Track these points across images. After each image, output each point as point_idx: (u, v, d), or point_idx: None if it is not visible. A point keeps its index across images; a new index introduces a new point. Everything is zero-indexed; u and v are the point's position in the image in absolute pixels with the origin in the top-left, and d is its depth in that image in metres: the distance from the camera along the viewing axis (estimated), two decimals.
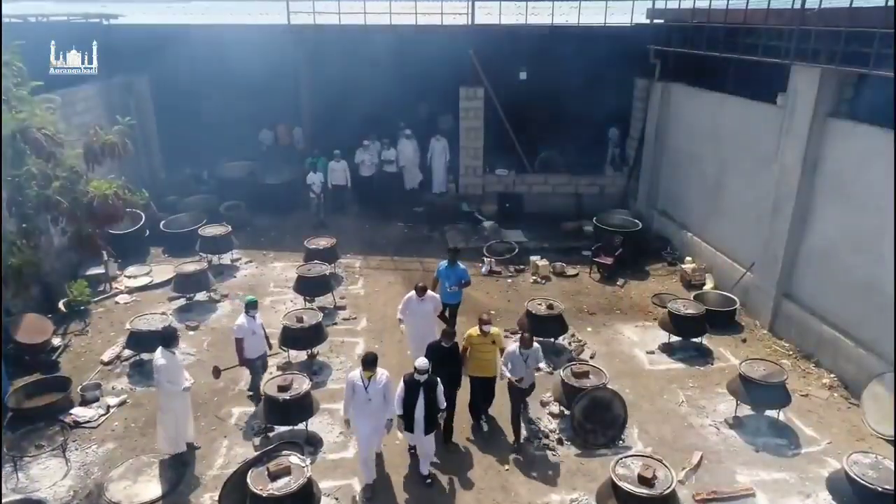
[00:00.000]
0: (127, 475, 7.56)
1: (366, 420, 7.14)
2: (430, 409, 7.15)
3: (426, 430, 7.23)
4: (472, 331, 8.15)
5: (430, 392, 7.12)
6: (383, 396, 7.07)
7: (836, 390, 9.17)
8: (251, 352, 8.52)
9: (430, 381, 7.13)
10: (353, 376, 7.07)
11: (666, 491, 6.22)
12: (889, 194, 8.30)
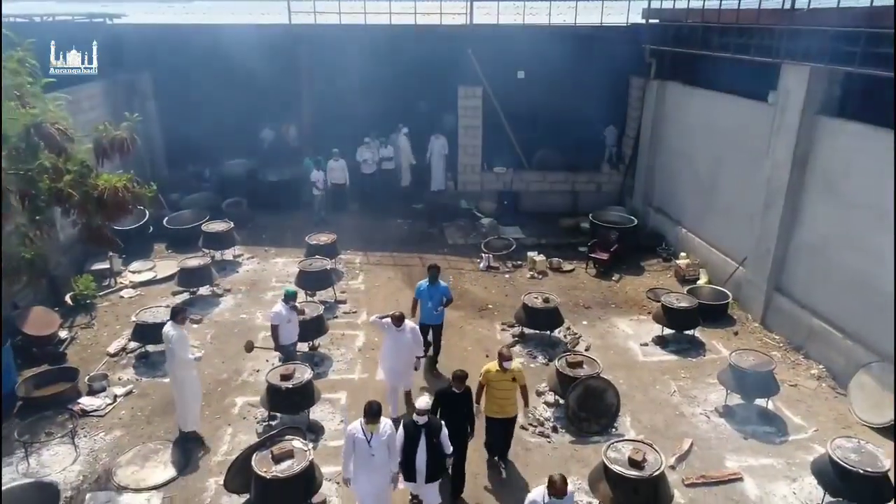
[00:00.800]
0: (134, 461, 7.79)
1: (369, 477, 6.37)
2: (433, 455, 6.46)
3: (428, 478, 6.53)
4: (489, 366, 7.40)
5: (433, 436, 6.43)
6: (387, 449, 6.32)
7: (824, 381, 9.41)
8: (285, 338, 8.88)
9: (433, 425, 6.46)
10: (353, 429, 6.31)
11: (655, 473, 6.46)
12: (879, 190, 8.54)
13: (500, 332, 10.94)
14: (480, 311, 11.72)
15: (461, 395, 6.96)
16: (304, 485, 6.63)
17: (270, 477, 6.44)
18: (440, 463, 6.54)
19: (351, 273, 13.20)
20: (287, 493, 6.51)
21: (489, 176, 16.93)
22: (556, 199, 16.69)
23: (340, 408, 8.88)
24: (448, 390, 7.00)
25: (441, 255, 14.14)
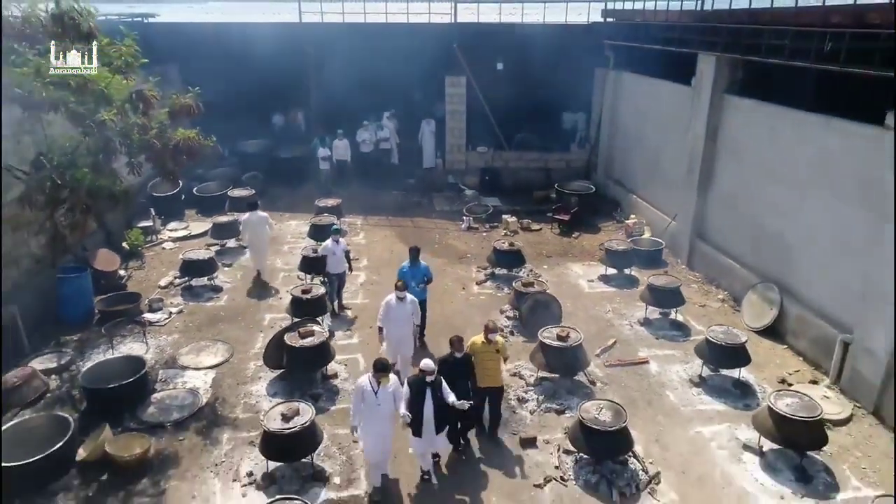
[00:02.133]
0: (191, 352, 10.29)
1: (374, 425, 7.05)
2: (440, 408, 7.07)
3: (437, 429, 7.17)
4: (475, 339, 7.95)
5: (437, 391, 7.06)
6: (393, 400, 7.02)
7: (727, 302, 11.96)
8: (332, 267, 11.35)
9: (436, 381, 7.08)
10: (362, 381, 7.04)
11: (575, 344, 9.00)
12: (766, 152, 11.03)
13: (475, 273, 13.45)
14: (460, 259, 14.25)
15: (461, 359, 7.53)
16: (322, 355, 9.17)
17: (298, 346, 8.96)
18: (446, 415, 7.16)
19: (353, 231, 15.70)
20: (309, 359, 9.06)
21: (473, 155, 19.44)
22: (531, 175, 19.17)
23: (347, 320, 11.38)
24: (450, 356, 7.54)
25: (430, 219, 16.68)
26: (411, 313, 9.06)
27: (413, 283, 9.82)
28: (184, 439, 8.28)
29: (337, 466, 7.80)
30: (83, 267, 11.47)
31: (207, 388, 9.36)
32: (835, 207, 9.47)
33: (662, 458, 8.00)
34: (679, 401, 9.16)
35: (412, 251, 10.23)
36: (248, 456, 7.93)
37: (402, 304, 8.90)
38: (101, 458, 7.65)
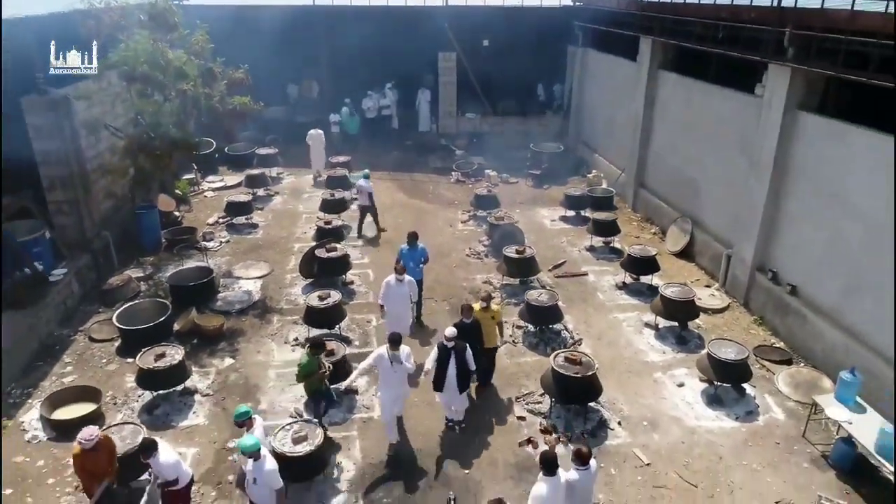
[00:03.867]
0: (241, 268, 13.52)
1: (390, 387, 8.10)
2: (462, 371, 8.04)
3: (460, 389, 8.19)
4: (475, 305, 9.07)
5: (461, 355, 8.03)
6: (404, 366, 7.94)
7: (657, 235, 15.21)
8: (362, 201, 14.78)
9: (460, 346, 8.03)
10: (381, 350, 8.02)
11: (529, 255, 12.27)
12: (685, 111, 14.11)
13: (461, 214, 16.65)
14: (449, 205, 17.43)
15: (470, 324, 8.61)
16: (343, 264, 12.45)
17: (325, 257, 12.22)
18: (467, 377, 8.19)
19: None
20: (334, 267, 12.32)
21: (462, 120, 22.50)
22: (513, 138, 22.17)
23: (358, 247, 14.61)
24: (461, 322, 8.64)
25: (425, 174, 19.82)
26: (409, 293, 9.98)
27: (412, 263, 10.69)
28: (245, 320, 11.57)
29: (356, 335, 11.10)
30: (152, 206, 14.65)
31: (258, 290, 12.63)
32: (725, 156, 12.62)
33: (586, 331, 11.32)
34: (605, 298, 12.47)
35: (410, 236, 11.01)
36: (293, 330, 11.22)
37: (401, 285, 9.76)
38: (191, 329, 10.93)
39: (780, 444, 8.61)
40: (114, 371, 10.08)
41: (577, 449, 6.35)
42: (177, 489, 6.58)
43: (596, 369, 8.98)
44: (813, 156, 10.16)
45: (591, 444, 8.50)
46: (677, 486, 7.94)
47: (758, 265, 11.58)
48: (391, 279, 9.76)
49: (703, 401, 9.47)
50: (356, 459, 8.32)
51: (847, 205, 9.50)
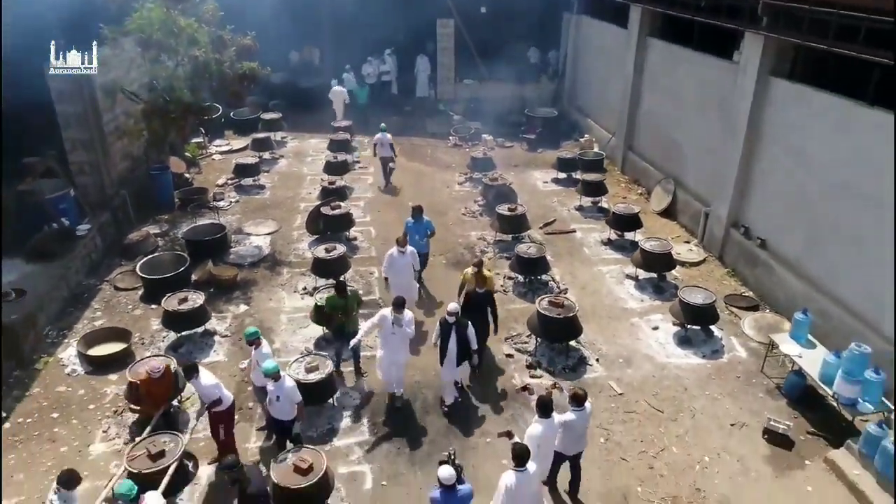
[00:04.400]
0: (251, 225, 14.40)
1: (389, 350, 8.48)
2: (461, 345, 8.30)
3: (458, 362, 8.44)
4: (468, 270, 9.50)
5: (461, 331, 8.28)
6: (405, 330, 8.31)
7: (643, 195, 16.06)
8: (381, 153, 15.86)
9: (461, 323, 8.29)
10: (385, 312, 8.41)
11: (520, 213, 13.15)
12: (672, 78, 14.81)
13: (457, 177, 17.47)
14: (446, 168, 18.24)
15: (484, 294, 9.12)
16: (347, 221, 13.35)
17: (330, 214, 13.11)
18: (466, 352, 8.43)
19: (361, 147, 19.60)
20: (338, 223, 13.23)
21: (460, 86, 23.12)
22: (509, 103, 22.80)
23: (360, 207, 15.47)
24: (473, 291, 9.19)
25: (423, 138, 20.56)
26: (412, 263, 10.22)
27: (417, 236, 10.94)
28: (257, 272, 12.51)
29: (360, 285, 12.03)
30: (165, 167, 15.46)
31: (267, 245, 13.54)
32: (706, 120, 13.39)
33: (572, 281, 12.27)
34: (591, 253, 13.40)
35: (415, 209, 11.20)
36: (302, 280, 12.17)
37: (403, 256, 10.07)
38: (208, 279, 11.85)
39: (740, 377, 9.63)
40: (139, 316, 11.05)
41: (574, 392, 7.00)
42: (221, 409, 7.57)
43: (577, 312, 9.95)
44: (782, 118, 10.96)
45: (571, 378, 9.56)
46: (645, 411, 8.97)
47: (732, 222, 12.46)
48: (394, 251, 10.05)
49: (675, 341, 10.46)
50: (361, 389, 9.34)
51: (809, 163, 10.35)
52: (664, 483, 7.82)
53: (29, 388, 9.25)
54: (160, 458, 6.93)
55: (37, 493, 7.54)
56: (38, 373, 9.57)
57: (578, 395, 6.98)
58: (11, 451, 8.14)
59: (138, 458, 6.93)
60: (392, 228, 14.20)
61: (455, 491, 5.90)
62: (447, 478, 5.85)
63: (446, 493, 5.89)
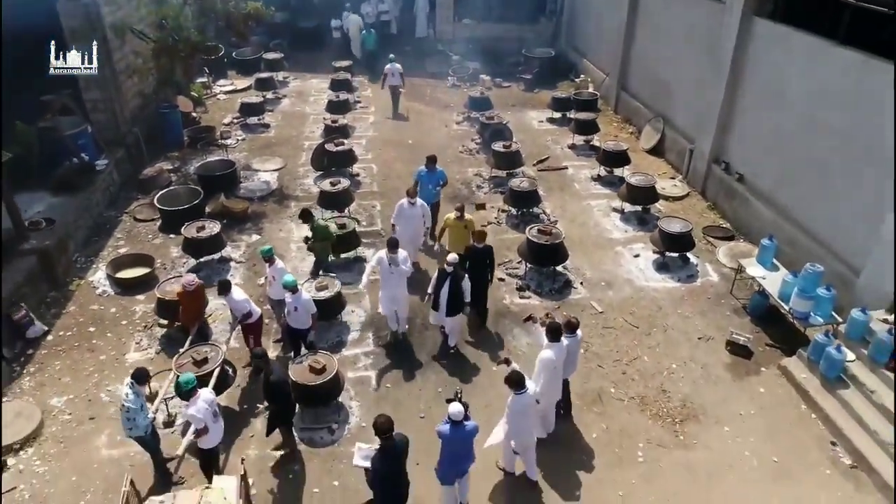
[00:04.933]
0: (259, 162, 15.09)
1: (388, 288, 9.01)
2: (454, 296, 8.67)
3: (448, 312, 8.79)
4: (449, 216, 10.06)
5: (455, 282, 8.62)
6: (402, 269, 8.86)
7: (634, 134, 16.70)
8: (391, 81, 16.77)
9: (457, 274, 8.64)
10: (381, 254, 9.00)
11: (514, 149, 13.85)
12: (669, 19, 15.20)
13: (455, 116, 18.04)
14: (444, 107, 18.77)
15: (483, 248, 9.29)
16: (351, 157, 14.08)
17: (334, 150, 13.82)
18: (458, 303, 8.79)
19: (362, 87, 20.06)
20: (342, 159, 13.97)
21: (459, 26, 23.31)
22: (508, 44, 23.11)
23: (362, 145, 16.13)
24: (473, 246, 9.30)
25: (423, 78, 20.95)
26: (421, 215, 10.48)
27: (430, 185, 11.24)
28: (266, 205, 13.32)
29: (363, 217, 12.85)
30: (174, 106, 16.03)
31: (274, 180, 14.30)
32: (694, 59, 13.89)
33: (562, 214, 13.09)
34: (581, 188, 14.17)
35: (429, 158, 11.37)
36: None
37: (413, 207, 10.34)
38: (221, 210, 12.66)
39: (710, 298, 10.59)
40: (159, 244, 11.94)
41: (568, 320, 7.66)
42: (251, 322, 8.53)
43: (563, 239, 10.83)
44: (762, 57, 11.54)
45: (557, 298, 10.51)
46: (622, 326, 9.96)
47: (714, 158, 13.19)
48: (404, 202, 10.31)
49: (653, 267, 11.38)
50: (366, 308, 10.31)
51: (784, 100, 11.00)
52: (634, 385, 8.87)
53: (65, 306, 10.23)
54: (204, 365, 7.91)
55: (83, 392, 8.59)
56: (72, 293, 10.52)
57: (572, 322, 7.66)
58: (56, 359, 9.17)
59: (185, 364, 7.91)
60: (392, 165, 14.97)
61: (462, 426, 6.43)
62: (456, 413, 6.35)
63: (454, 428, 6.40)
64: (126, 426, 6.88)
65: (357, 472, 6.84)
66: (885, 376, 8.09)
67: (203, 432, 6.68)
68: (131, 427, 6.85)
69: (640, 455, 7.86)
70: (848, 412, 8.11)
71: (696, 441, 8.04)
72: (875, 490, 7.39)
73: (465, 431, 6.50)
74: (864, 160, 9.35)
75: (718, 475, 7.60)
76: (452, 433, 6.46)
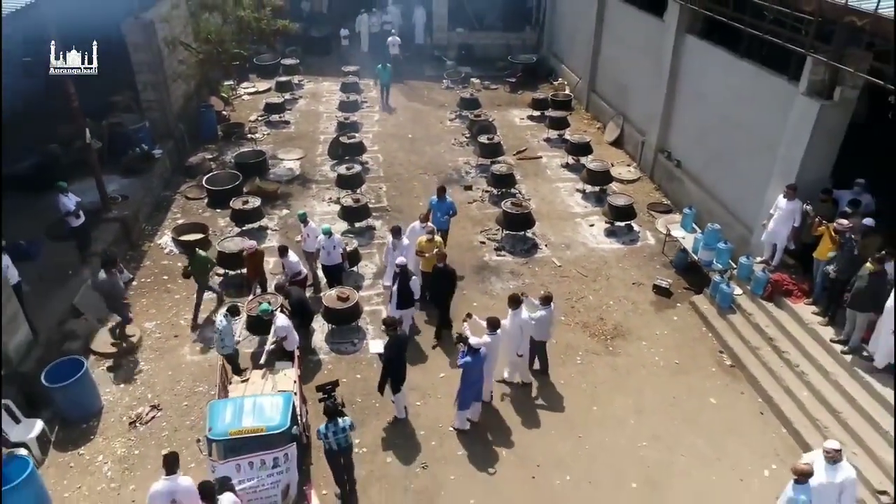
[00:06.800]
0: (283, 152, 17.97)
1: (392, 264, 10.61)
2: (403, 292, 10.14)
3: (398, 306, 10.24)
4: (421, 239, 11.15)
5: (404, 279, 10.10)
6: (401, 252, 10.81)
7: (600, 129, 19.63)
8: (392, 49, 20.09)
9: (406, 273, 10.14)
10: (388, 242, 11.29)
11: (496, 141, 16.76)
12: (629, 32, 18.13)
13: (449, 114, 20.93)
14: (440, 106, 21.68)
15: (444, 268, 10.50)
16: (361, 147, 16.99)
17: (348, 142, 16.73)
18: (408, 299, 10.27)
19: (367, 88, 22.96)
20: (354, 149, 16.86)
21: (453, 34, 26.21)
22: (496, 50, 26.03)
23: (370, 134, 19.02)
24: (437, 266, 10.51)
25: (420, 80, 23.87)
26: None
27: (440, 214, 12.34)
28: (292, 187, 16.21)
29: (372, 197, 15.71)
30: (210, 105, 18.93)
31: (298, 167, 17.20)
32: (644, 66, 16.79)
33: (534, 193, 15.99)
34: (552, 174, 17.10)
35: (440, 189, 12.56)
36: (328, 193, 15.88)
37: (423, 229, 11.47)
38: (255, 191, 15.54)
39: (646, 256, 13.52)
40: (209, 216, 14.82)
41: (543, 295, 9.68)
42: (300, 279, 11.29)
43: (531, 210, 13.76)
44: (691, 66, 14.46)
45: (525, 256, 13.43)
46: (575, 276, 12.88)
47: (659, 148, 16.11)
48: (416, 224, 11.74)
49: (604, 234, 14.30)
50: (376, 263, 13.21)
51: (707, 102, 13.93)
52: (579, 315, 11.79)
53: (142, 261, 13.13)
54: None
55: (166, 320, 11.49)
56: (145, 253, 13.42)
57: (547, 296, 9.74)
58: (143, 297, 12.08)
59: (253, 308, 10.50)
60: (395, 155, 17.89)
61: (479, 354, 8.57)
62: (478, 344, 8.49)
63: (475, 356, 8.54)
64: (219, 345, 9.60)
65: (372, 369, 9.73)
66: (760, 303, 11.01)
67: (284, 339, 9.44)
68: (223, 346, 9.57)
69: (579, 359, 10.78)
70: (733, 330, 11.05)
71: (621, 351, 10.97)
72: (744, 380, 10.32)
73: (482, 357, 8.65)
74: (758, 148, 12.27)
75: (634, 371, 10.53)
76: (474, 362, 8.55)
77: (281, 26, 15.94)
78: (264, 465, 7.34)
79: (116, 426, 9.38)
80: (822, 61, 10.08)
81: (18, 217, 12.48)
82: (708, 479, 8.70)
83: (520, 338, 9.54)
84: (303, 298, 10.29)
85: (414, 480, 8.65)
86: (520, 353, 9.70)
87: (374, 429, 9.42)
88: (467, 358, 8.62)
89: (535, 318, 9.59)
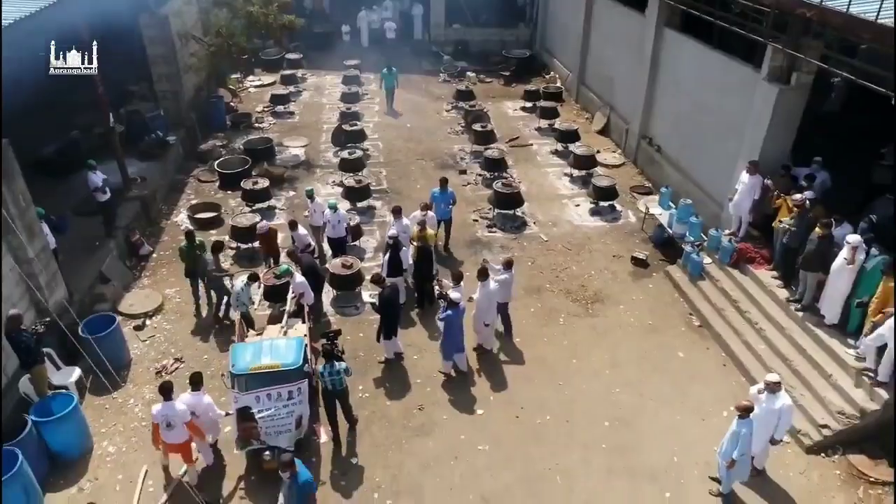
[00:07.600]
0: (288, 140, 19.06)
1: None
2: (393, 261, 11.15)
3: (388, 273, 11.12)
4: (414, 229, 11.75)
5: (395, 250, 11.16)
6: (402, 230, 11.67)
7: (588, 119, 20.72)
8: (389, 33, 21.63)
9: (397, 244, 11.18)
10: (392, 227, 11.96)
11: (489, 129, 17.84)
12: (615, 28, 19.23)
13: (445, 105, 22.02)
14: (437, 98, 22.76)
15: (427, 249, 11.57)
16: (362, 135, 18.07)
17: (349, 130, 17.81)
18: (397, 269, 11.24)
19: (368, 82, 24.04)
20: (356, 136, 17.94)
21: (450, 30, 27.29)
22: (491, 46, 27.10)
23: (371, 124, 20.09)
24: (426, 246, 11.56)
25: (419, 74, 24.94)
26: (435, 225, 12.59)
27: (442, 204, 13.02)
28: (298, 172, 17.29)
29: (373, 180, 16.79)
30: (220, 96, 20.00)
31: (303, 153, 18.28)
32: (628, 58, 17.88)
33: (524, 177, 17.07)
34: (542, 160, 18.19)
35: (442, 181, 13.19)
36: (331, 176, 16.96)
37: (423, 217, 11.96)
38: (264, 174, 16.61)
39: (626, 232, 14.62)
40: (220, 197, 15.91)
41: (506, 259, 10.78)
42: (311, 250, 12.35)
43: (520, 190, 14.85)
44: (669, 57, 15.55)
45: (515, 232, 14.52)
46: (560, 250, 13.97)
47: (641, 134, 17.20)
48: (418, 213, 12.22)
49: (588, 213, 15.40)
50: (377, 239, 14.30)
51: (682, 89, 15.02)
52: (563, 284, 12.88)
53: (160, 236, 14.21)
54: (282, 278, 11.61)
55: (185, 287, 12.48)
56: (163, 229, 14.51)
57: (509, 260, 10.78)
58: (163, 268, 13.16)
59: (269, 278, 11.62)
60: (394, 143, 18.97)
61: (458, 308, 9.58)
62: (457, 298, 9.61)
63: (455, 310, 9.59)
64: (236, 303, 10.73)
65: (372, 329, 10.81)
66: (727, 270, 12.10)
67: (302, 296, 10.48)
68: (238, 304, 10.67)
69: (562, 321, 11.88)
70: (702, 295, 12.14)
71: (599, 314, 12.06)
72: (710, 338, 11.41)
73: (461, 311, 9.77)
74: (727, 131, 13.35)
75: (611, 331, 11.62)
76: (455, 315, 9.63)
77: (288, 21, 17.00)
78: (280, 397, 8.42)
79: (144, 375, 10.46)
80: (779, 49, 11.19)
81: (46, 197, 13.54)
82: (672, 419, 9.79)
83: (488, 307, 10.52)
84: (313, 264, 11.39)
85: (411, 419, 9.74)
86: (486, 322, 10.65)
87: (375, 377, 10.51)
88: (448, 311, 9.63)
89: (499, 280, 10.57)
